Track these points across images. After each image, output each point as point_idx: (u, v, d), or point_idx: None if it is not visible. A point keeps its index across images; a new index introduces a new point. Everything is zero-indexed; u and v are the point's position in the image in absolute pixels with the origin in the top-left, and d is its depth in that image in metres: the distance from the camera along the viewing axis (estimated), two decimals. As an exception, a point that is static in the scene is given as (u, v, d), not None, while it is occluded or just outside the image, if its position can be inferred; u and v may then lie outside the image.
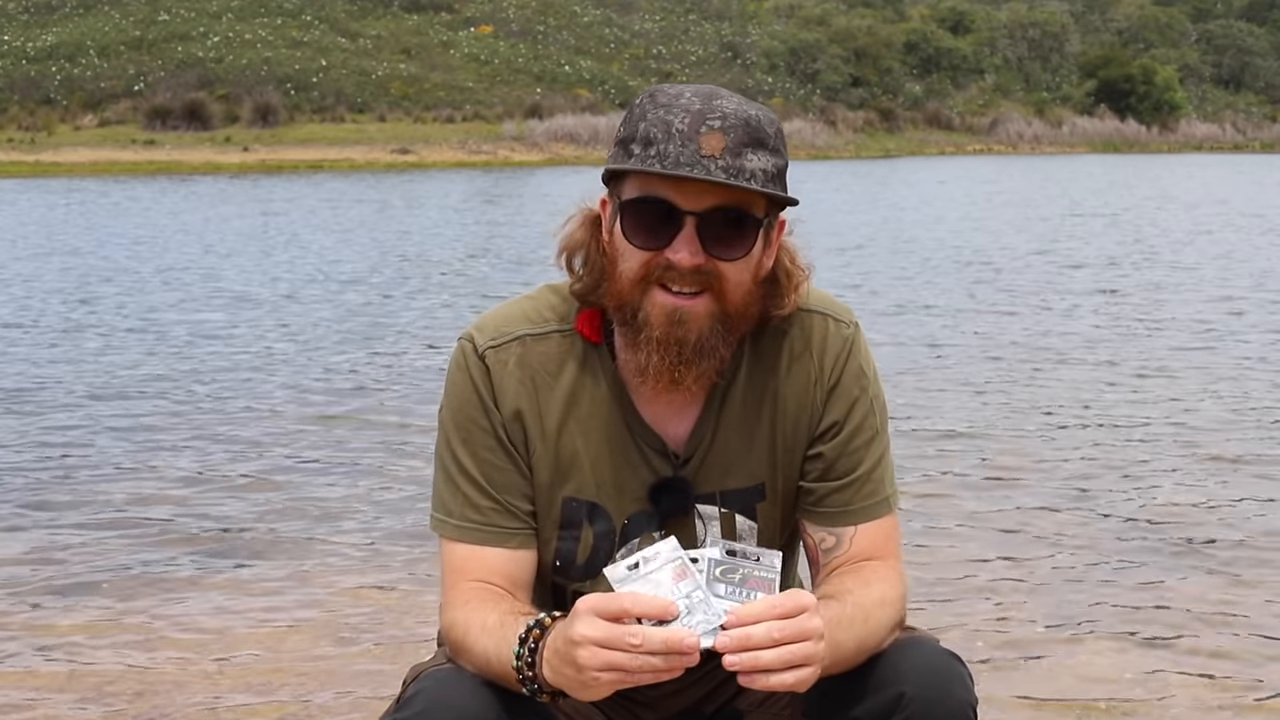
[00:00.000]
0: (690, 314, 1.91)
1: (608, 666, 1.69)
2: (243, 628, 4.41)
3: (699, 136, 1.86)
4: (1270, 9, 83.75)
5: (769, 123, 1.92)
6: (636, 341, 1.95)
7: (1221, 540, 5.30)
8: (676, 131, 1.87)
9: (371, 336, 10.64)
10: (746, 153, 1.88)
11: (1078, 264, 16.10)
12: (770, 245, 1.99)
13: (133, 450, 6.88)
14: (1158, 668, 4.03)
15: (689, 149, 1.86)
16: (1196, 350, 9.88)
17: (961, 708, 1.92)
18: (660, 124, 1.88)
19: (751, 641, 1.69)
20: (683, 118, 1.88)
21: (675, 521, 2.05)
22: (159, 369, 9.21)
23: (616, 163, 1.93)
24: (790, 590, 1.76)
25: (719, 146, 1.86)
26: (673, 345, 1.92)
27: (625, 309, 1.95)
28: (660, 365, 1.94)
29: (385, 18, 63.35)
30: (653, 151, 1.88)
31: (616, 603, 1.70)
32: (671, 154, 1.86)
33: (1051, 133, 66.72)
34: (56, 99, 50.09)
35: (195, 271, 15.27)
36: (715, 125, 1.87)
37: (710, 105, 1.89)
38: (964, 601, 4.60)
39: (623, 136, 1.94)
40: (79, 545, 5.30)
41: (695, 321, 1.92)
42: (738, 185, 1.86)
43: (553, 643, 1.78)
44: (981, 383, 8.63)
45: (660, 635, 1.68)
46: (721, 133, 1.87)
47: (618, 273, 1.95)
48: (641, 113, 1.92)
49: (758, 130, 1.89)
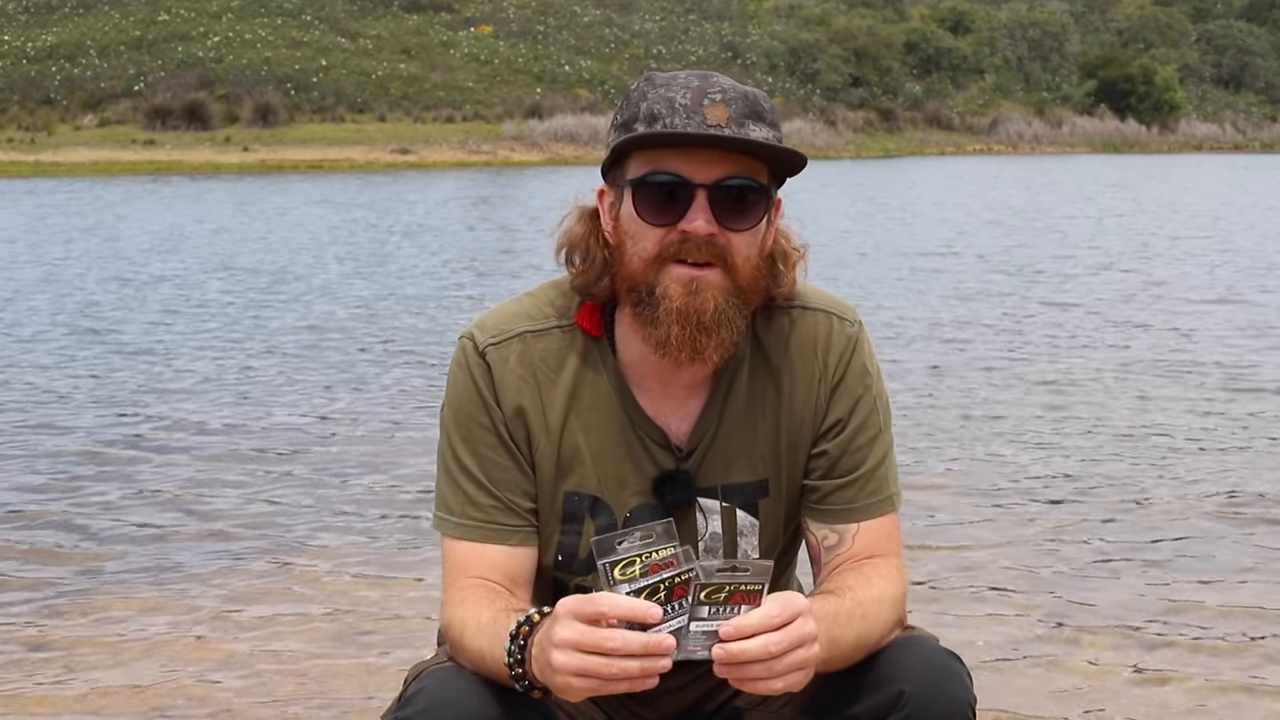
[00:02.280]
0: (705, 283, 1.94)
1: (582, 671, 1.69)
2: (242, 627, 4.41)
3: (703, 109, 1.91)
4: (1270, 9, 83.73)
5: (764, 99, 1.97)
6: (655, 316, 1.95)
7: (1222, 540, 5.30)
8: (681, 106, 1.92)
9: (372, 337, 10.64)
10: (749, 124, 1.93)
11: (1091, 265, 16.10)
12: (771, 223, 2.02)
13: (128, 449, 6.89)
14: (1158, 668, 4.03)
15: (695, 120, 1.91)
16: (1198, 351, 9.89)
17: (960, 707, 1.93)
18: (663, 100, 1.93)
19: (747, 657, 1.70)
20: (684, 94, 1.93)
21: (677, 515, 2.06)
22: (147, 367, 9.21)
23: (619, 139, 1.95)
24: (783, 595, 1.75)
25: (724, 116, 1.91)
26: (692, 314, 1.94)
27: (640, 288, 1.96)
28: (682, 336, 1.95)
29: (385, 18, 63.31)
30: (659, 126, 1.92)
31: (594, 605, 1.69)
32: (679, 125, 1.91)
33: (1051, 133, 66.67)
34: (56, 99, 50.06)
35: (188, 267, 15.29)
36: (717, 98, 1.92)
37: (709, 81, 1.95)
38: (964, 601, 4.61)
39: (623, 120, 1.97)
40: (78, 544, 5.31)
41: (710, 290, 1.94)
42: (753, 141, 1.90)
43: (538, 641, 1.78)
44: (981, 382, 8.63)
45: (640, 639, 1.67)
46: (724, 104, 1.92)
47: (628, 255, 1.97)
48: (640, 94, 1.96)
49: (756, 104, 1.95)
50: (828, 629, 1.82)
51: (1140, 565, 5.00)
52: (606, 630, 1.68)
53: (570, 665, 1.69)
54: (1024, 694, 3.84)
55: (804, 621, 1.73)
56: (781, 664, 1.71)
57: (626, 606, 1.68)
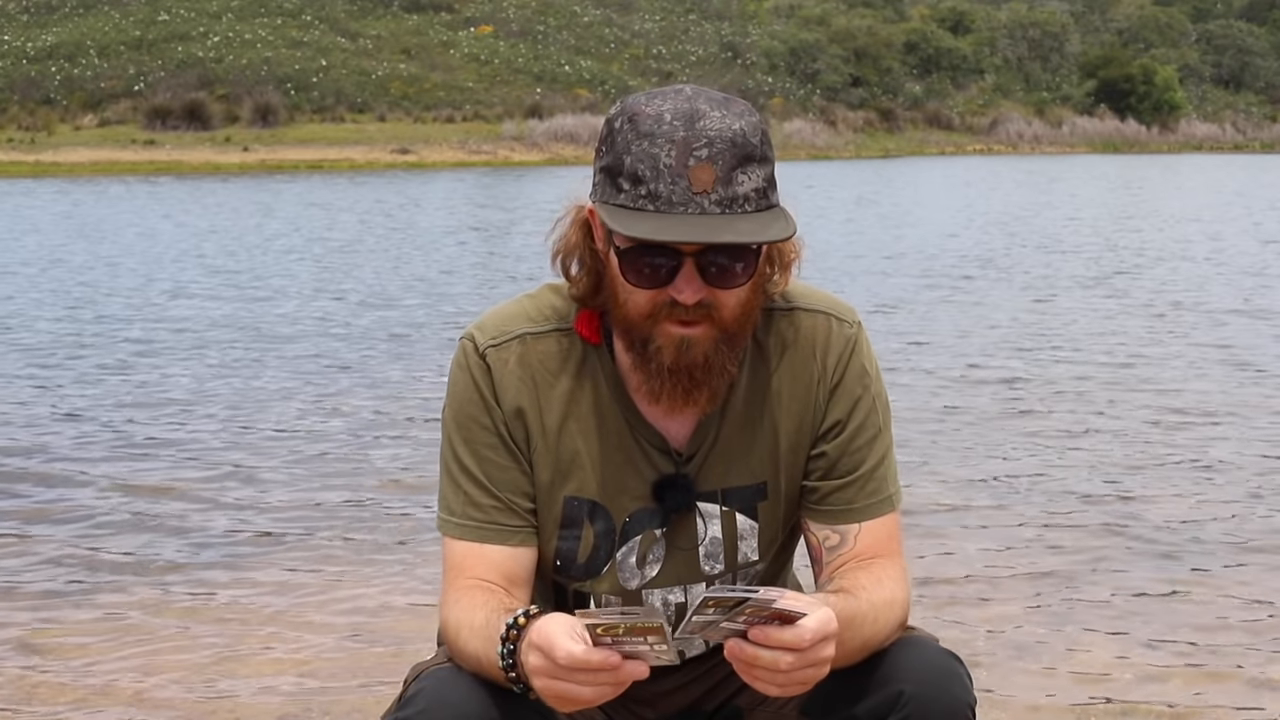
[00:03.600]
0: (694, 340, 1.93)
1: (559, 695, 1.75)
2: (242, 626, 4.41)
3: (688, 171, 1.83)
4: (1270, 9, 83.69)
5: (753, 130, 1.88)
6: (649, 368, 1.96)
7: (1222, 541, 5.30)
8: (665, 167, 1.83)
9: (372, 336, 10.64)
10: (737, 175, 1.85)
11: (1087, 258, 16.11)
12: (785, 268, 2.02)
13: (125, 448, 6.89)
14: (1158, 667, 4.03)
15: (680, 186, 1.83)
16: (1198, 351, 9.89)
17: (960, 707, 1.93)
18: (646, 158, 1.84)
19: (760, 663, 1.73)
20: (668, 150, 1.84)
21: (676, 519, 2.06)
22: (149, 364, 9.21)
23: (605, 197, 1.90)
24: (819, 617, 1.74)
25: (709, 180, 1.83)
26: (683, 371, 1.94)
27: (634, 337, 1.96)
28: (674, 389, 1.96)
29: (385, 18, 63.30)
30: (643, 191, 1.84)
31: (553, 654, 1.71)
32: (663, 193, 1.83)
33: (1051, 133, 66.66)
34: (56, 99, 50.06)
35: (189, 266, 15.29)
36: (703, 155, 1.83)
37: (694, 130, 1.84)
38: (964, 601, 4.61)
39: (607, 165, 1.90)
40: (76, 544, 5.31)
41: (700, 346, 1.93)
42: (735, 241, 1.83)
43: (523, 646, 1.81)
44: (982, 382, 8.64)
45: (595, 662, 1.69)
46: (709, 162, 1.83)
47: (623, 303, 1.95)
48: (625, 143, 1.87)
49: (744, 146, 1.86)
50: (840, 634, 1.82)
51: (1141, 565, 5.00)
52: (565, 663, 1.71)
53: (548, 691, 1.76)
54: (1024, 694, 3.84)
55: (825, 646, 1.75)
56: (785, 678, 1.75)
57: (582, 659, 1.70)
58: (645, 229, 1.83)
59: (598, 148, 1.94)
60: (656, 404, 2.00)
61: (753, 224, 1.85)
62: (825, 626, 1.74)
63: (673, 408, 2.00)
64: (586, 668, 1.70)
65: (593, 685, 1.72)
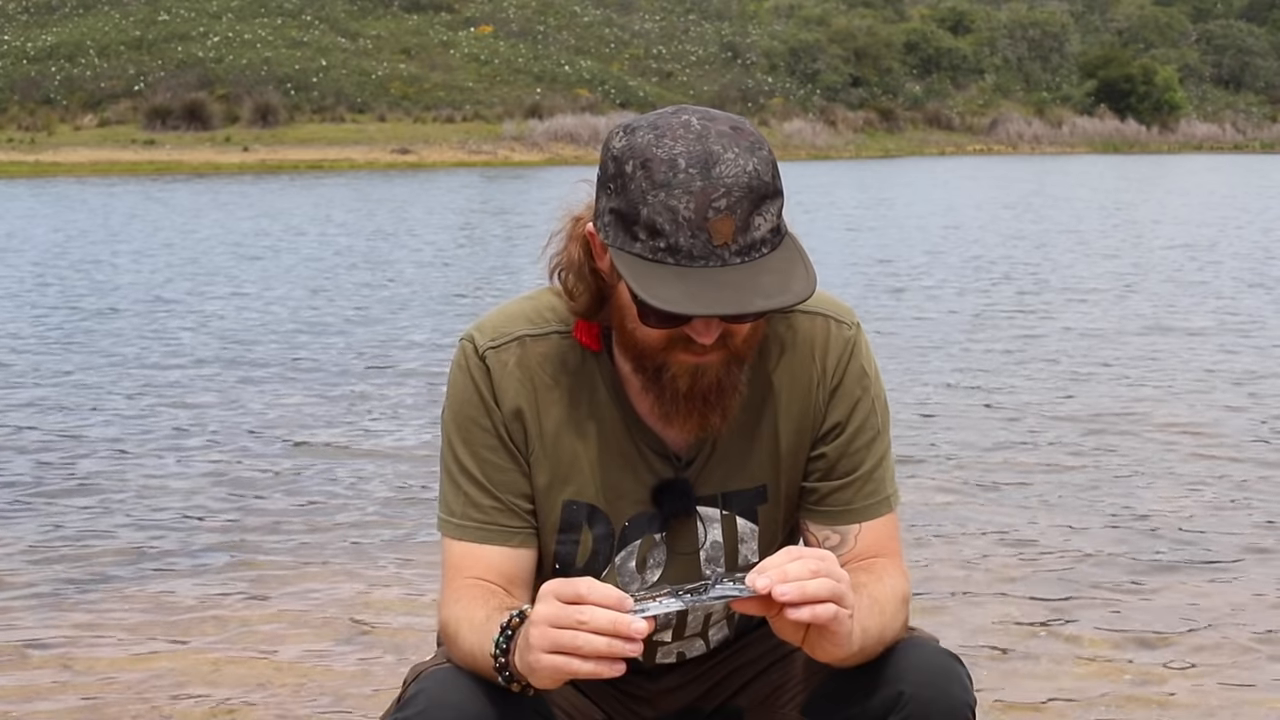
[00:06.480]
0: (706, 366, 1.94)
1: (554, 646, 1.70)
2: (242, 627, 4.41)
3: (708, 224, 1.81)
4: (1270, 9, 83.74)
5: (765, 166, 1.85)
6: (661, 395, 1.96)
7: (1222, 541, 5.30)
8: (685, 220, 1.81)
9: (373, 336, 10.65)
10: (754, 219, 1.83)
11: (1086, 259, 16.11)
12: None
13: (123, 448, 6.89)
14: (1158, 667, 4.03)
15: (700, 240, 1.81)
16: (1198, 353, 9.89)
17: (960, 707, 1.93)
18: (664, 211, 1.81)
19: (790, 576, 1.72)
20: (686, 202, 1.81)
21: (676, 523, 2.06)
22: (155, 364, 9.22)
23: (619, 243, 1.86)
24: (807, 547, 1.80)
25: (729, 232, 1.82)
26: (697, 396, 1.95)
27: (645, 364, 1.96)
28: (689, 415, 1.97)
29: (385, 18, 63.36)
30: (662, 245, 1.82)
31: (573, 587, 1.72)
32: (684, 247, 1.81)
33: (1051, 133, 66.70)
34: (56, 99, 50.11)
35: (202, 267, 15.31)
36: (721, 206, 1.81)
37: (710, 179, 1.81)
38: (963, 602, 4.61)
39: (619, 209, 1.86)
40: (75, 544, 5.31)
41: (714, 371, 1.94)
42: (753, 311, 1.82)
43: (524, 630, 1.79)
44: (981, 381, 8.64)
45: (607, 615, 1.69)
46: (728, 213, 1.81)
47: (631, 330, 1.94)
48: (639, 190, 1.83)
49: (759, 185, 1.84)
50: (859, 619, 1.83)
51: (1141, 565, 5.00)
52: (579, 606, 1.70)
53: (543, 640, 1.71)
54: (1024, 694, 3.84)
55: (835, 563, 1.77)
56: (826, 583, 1.73)
57: (602, 591, 1.70)
58: (673, 296, 1.80)
59: (604, 182, 1.90)
60: (670, 427, 2.01)
61: (774, 277, 1.83)
62: (814, 549, 1.80)
63: (686, 430, 2.00)
64: (604, 601, 1.68)
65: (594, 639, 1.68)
